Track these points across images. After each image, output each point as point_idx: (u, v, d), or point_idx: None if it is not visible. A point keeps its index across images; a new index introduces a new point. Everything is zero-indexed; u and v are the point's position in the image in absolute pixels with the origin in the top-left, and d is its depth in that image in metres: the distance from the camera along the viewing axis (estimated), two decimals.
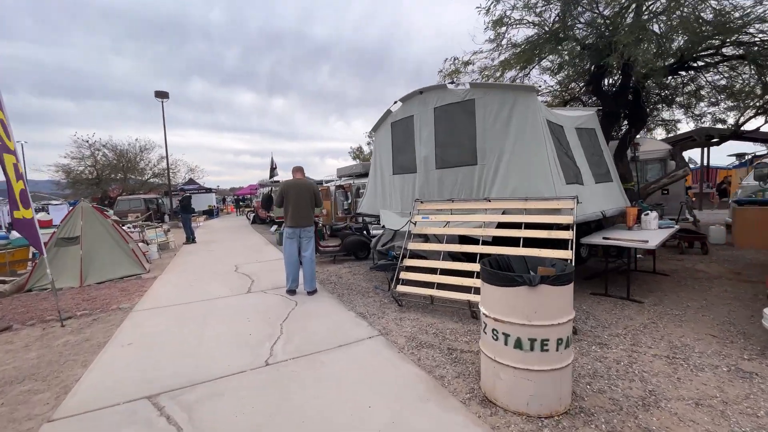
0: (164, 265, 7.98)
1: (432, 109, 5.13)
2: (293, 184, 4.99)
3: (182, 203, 11.64)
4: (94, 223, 7.15)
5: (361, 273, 6.36)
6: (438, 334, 3.56)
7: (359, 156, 50.12)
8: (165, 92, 17.99)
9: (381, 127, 6.28)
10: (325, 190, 11.42)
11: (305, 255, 5.07)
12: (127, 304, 5.07)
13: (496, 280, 2.31)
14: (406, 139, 5.61)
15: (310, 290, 5.06)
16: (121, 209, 20.67)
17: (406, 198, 5.69)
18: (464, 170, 4.85)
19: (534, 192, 4.15)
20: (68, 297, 5.67)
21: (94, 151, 26.50)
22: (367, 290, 5.25)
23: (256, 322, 4.08)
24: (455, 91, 4.88)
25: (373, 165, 6.59)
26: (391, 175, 6.04)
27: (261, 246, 10.24)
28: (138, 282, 6.49)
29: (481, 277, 2.51)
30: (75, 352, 3.58)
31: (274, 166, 17.52)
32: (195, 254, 9.29)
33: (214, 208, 25.60)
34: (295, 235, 5.01)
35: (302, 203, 4.97)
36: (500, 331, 2.30)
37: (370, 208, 6.64)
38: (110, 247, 7.15)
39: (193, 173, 31.83)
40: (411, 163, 5.56)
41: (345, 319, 4.06)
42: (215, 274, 6.72)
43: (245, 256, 8.65)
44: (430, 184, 5.26)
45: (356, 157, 50.40)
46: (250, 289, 5.54)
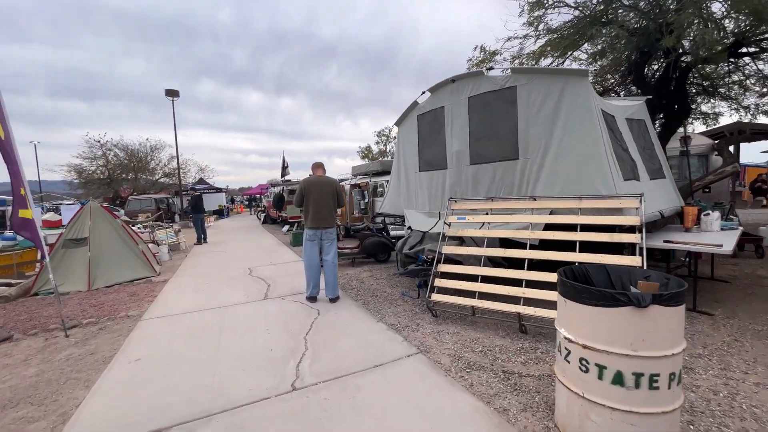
0: (175, 267, 7.64)
1: (466, 99, 4.66)
2: (314, 182, 4.57)
3: (193, 203, 11.26)
4: (103, 224, 6.84)
5: (384, 277, 5.92)
6: (486, 353, 3.09)
7: (368, 155, 49.81)
8: (175, 90, 17.80)
9: (405, 120, 5.83)
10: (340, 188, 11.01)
11: (327, 259, 4.65)
12: (135, 311, 4.70)
13: (588, 297, 1.84)
14: (436, 132, 5.16)
15: (333, 297, 4.64)
16: (132, 209, 20.57)
17: (435, 197, 5.24)
18: (503, 166, 4.38)
19: (589, 190, 3.66)
20: (75, 302, 5.34)
21: (106, 151, 26.58)
22: (394, 297, 4.81)
23: (277, 335, 3.66)
24: (493, 78, 4.41)
25: (396, 162, 6.14)
26: (417, 173, 5.59)
27: (274, 247, 9.87)
28: (148, 286, 6.15)
29: (560, 291, 2.04)
30: (77, 368, 3.21)
31: (286, 165, 17.19)
32: (206, 256, 8.96)
33: (224, 208, 25.41)
34: (316, 237, 4.59)
35: (324, 203, 4.55)
36: (592, 361, 1.84)
37: (393, 207, 6.19)
38: (119, 248, 6.83)
39: (203, 173, 31.80)
40: (441, 159, 5.10)
41: (376, 332, 3.62)
42: (229, 278, 6.34)
43: (259, 258, 8.28)
44: (463, 182, 4.80)
45: (365, 156, 50.04)
46: (266, 295, 5.14)
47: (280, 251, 9.12)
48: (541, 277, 3.44)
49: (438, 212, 5.17)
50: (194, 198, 11.20)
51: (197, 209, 11.11)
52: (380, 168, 9.38)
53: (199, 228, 11.20)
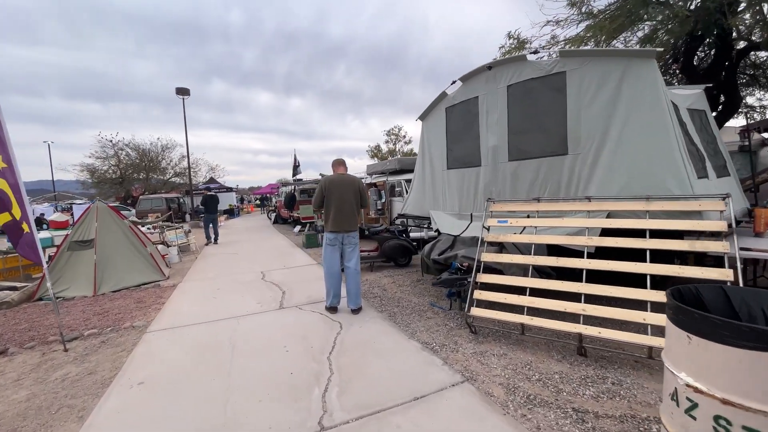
0: (185, 271, 7.30)
1: (504, 88, 4.17)
2: (335, 181, 4.13)
3: (203, 202, 10.95)
4: (110, 225, 6.52)
5: (408, 284, 5.46)
6: (546, 382, 2.61)
7: (377, 154, 49.42)
8: (186, 89, 17.58)
9: (432, 113, 5.36)
10: None
11: (349, 266, 4.21)
12: (141, 321, 4.33)
13: (734, 335, 1.35)
14: (467, 126, 4.67)
15: (355, 308, 4.20)
16: (143, 208, 20.48)
17: (466, 197, 4.75)
18: (548, 162, 3.88)
19: (658, 189, 3.14)
20: (78, 309, 5.00)
21: (118, 150, 26.64)
22: (422, 308, 4.35)
23: (297, 354, 3.23)
24: (537, 64, 3.91)
25: (421, 159, 5.67)
26: (445, 170, 5.11)
27: (287, 249, 9.49)
28: (156, 291, 5.79)
29: (677, 322, 1.56)
30: (73, 392, 2.82)
31: (297, 164, 16.84)
32: (217, 258, 8.61)
33: (235, 207, 25.23)
34: (337, 242, 4.16)
35: (346, 203, 4.11)
36: (738, 423, 1.35)
37: (417, 208, 5.73)
38: (127, 251, 6.50)
39: (214, 172, 31.75)
40: (473, 155, 4.61)
41: (410, 353, 3.16)
42: (240, 283, 5.95)
43: (271, 260, 7.89)
44: (499, 180, 4.31)
45: (374, 155, 49.68)
46: (282, 304, 4.72)
47: (293, 253, 8.72)
48: (603, 291, 2.95)
49: (469, 214, 4.69)
50: (205, 197, 10.85)
51: (210, 209, 10.81)
52: (398, 166, 8.91)
53: (209, 228, 10.93)
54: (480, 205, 4.58)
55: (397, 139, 49.32)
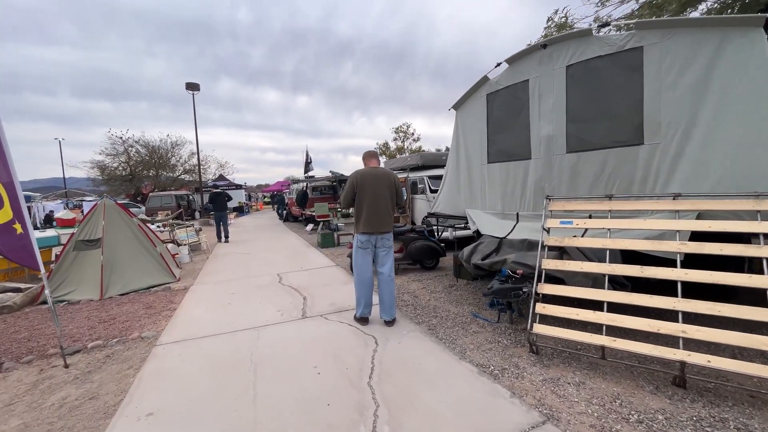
0: (196, 272, 6.88)
1: (563, 69, 3.63)
2: (368, 176, 3.63)
3: (210, 199, 10.66)
4: (118, 224, 6.12)
5: (440, 290, 4.96)
6: (649, 425, 2.09)
7: (385, 152, 48.92)
8: (196, 84, 17.24)
9: (468, 102, 4.83)
10: None
11: (382, 272, 3.72)
12: (151, 331, 3.89)
13: None
14: (514, 113, 4.14)
15: (389, 319, 3.71)
16: (152, 206, 20.25)
17: (512, 194, 4.23)
18: (618, 154, 3.34)
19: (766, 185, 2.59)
20: (83, 315, 4.59)
21: (128, 147, 26.53)
22: (464, 320, 3.84)
23: (330, 376, 2.76)
24: (606, 39, 3.36)
25: (454, 152, 5.15)
26: (485, 164, 4.58)
27: (301, 248, 9.04)
28: (166, 295, 5.37)
29: None
30: (71, 424, 2.38)
31: (309, 161, 16.39)
32: (230, 258, 8.19)
33: (244, 205, 24.94)
34: (369, 245, 3.67)
35: (381, 201, 3.61)
36: None
37: (451, 206, 5.21)
38: (136, 251, 6.09)
39: (223, 169, 31.54)
40: (521, 147, 4.08)
41: (467, 380, 2.66)
42: (257, 287, 5.51)
43: (287, 261, 7.45)
44: (555, 175, 3.77)
45: (382, 153, 49.18)
46: (304, 312, 4.25)
47: (309, 254, 8.26)
48: (708, 309, 2.41)
49: (515, 213, 4.17)
50: (211, 195, 10.58)
51: (219, 206, 10.50)
52: (420, 162, 8.39)
53: (219, 226, 10.63)
54: (528, 204, 4.05)
55: (406, 137, 48.89)
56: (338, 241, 9.24)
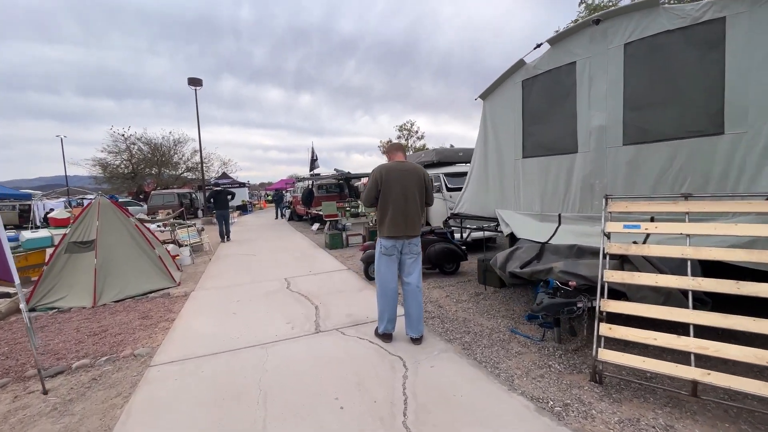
0: (198, 275, 6.44)
1: (620, 47, 3.13)
2: (395, 171, 3.15)
3: (217, 197, 10.31)
4: (114, 224, 5.67)
5: (466, 299, 4.47)
6: None
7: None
8: (198, 79, 16.78)
9: (499, 89, 4.33)
10: None
11: (409, 281, 3.24)
12: (145, 348, 3.44)
13: None
14: (557, 101, 3.64)
15: (417, 336, 3.23)
16: (154, 204, 19.86)
17: (553, 193, 3.74)
18: (690, 145, 2.84)
19: None
20: (72, 326, 4.15)
21: (130, 145, 26.18)
22: (500, 335, 3.36)
23: (356, 413, 2.28)
24: (677, 10, 2.86)
25: (482, 147, 4.66)
26: (520, 160, 4.09)
27: (309, 250, 8.58)
28: (165, 302, 4.93)
29: None
30: None
31: (315, 158, 15.90)
32: (233, 260, 7.74)
33: (248, 203, 24.53)
34: (395, 251, 3.19)
35: (409, 200, 3.13)
36: None
37: (477, 206, 4.73)
38: (133, 254, 5.65)
39: (226, 167, 31.17)
40: (565, 139, 3.59)
41: (522, 417, 2.18)
42: (263, 294, 5.05)
43: (294, 264, 6.98)
44: (608, 171, 3.28)
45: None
46: (318, 325, 3.79)
47: (317, 256, 7.80)
48: None
49: (557, 215, 3.68)
50: (213, 192, 10.28)
51: (220, 205, 10.21)
52: (435, 158, 7.89)
53: (222, 225, 10.34)
54: (572, 204, 3.56)
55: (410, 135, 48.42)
56: (347, 241, 8.77)
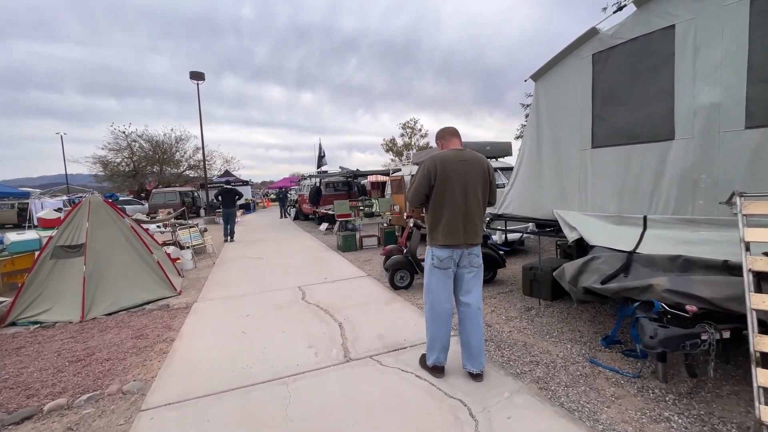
0: (201, 282, 5.79)
1: (744, 3, 2.43)
2: (452, 161, 2.47)
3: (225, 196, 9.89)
4: (106, 226, 5.02)
5: (516, 315, 3.80)
6: None
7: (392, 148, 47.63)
8: (200, 73, 16.13)
9: (558, 68, 3.64)
10: (398, 179, 8.89)
11: (468, 302, 2.57)
12: (137, 380, 2.78)
13: None
14: (646, 75, 2.95)
15: (478, 372, 2.56)
16: (155, 202, 19.23)
17: (635, 189, 3.05)
18: None
19: None
20: (53, 348, 3.50)
21: (131, 142, 25.58)
22: (578, 366, 2.69)
23: None
24: None
25: (533, 136, 3.97)
26: (589, 150, 3.40)
27: (320, 252, 7.91)
28: (164, 316, 4.28)
29: None
30: None
31: (322, 155, 15.20)
32: (239, 264, 7.08)
33: (251, 202, 23.89)
34: (451, 263, 2.51)
35: (471, 199, 2.46)
36: None
37: (528, 206, 4.04)
38: (128, 259, 4.99)
39: (229, 164, 30.57)
40: (656, 122, 2.90)
41: None
42: (275, 306, 4.39)
43: (307, 269, 6.32)
44: (718, 162, 2.58)
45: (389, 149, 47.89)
46: (347, 350, 3.12)
47: (331, 259, 7.13)
48: None
49: (641, 217, 2.99)
50: (222, 190, 9.99)
51: (227, 203, 9.81)
52: None
53: (227, 224, 9.90)
54: (665, 203, 2.87)
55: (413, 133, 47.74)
56: (361, 243, 8.11)
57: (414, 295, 4.61)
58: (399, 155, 47.40)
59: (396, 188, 9.03)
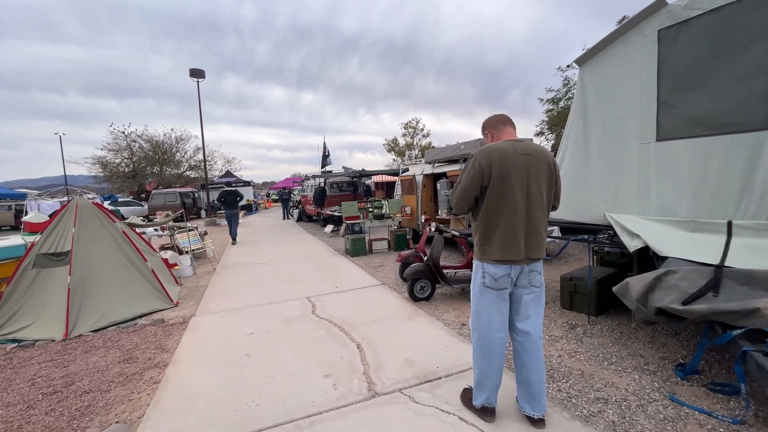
0: (200, 291, 5.31)
1: None
2: (511, 155, 1.96)
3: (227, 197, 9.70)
4: (95, 231, 4.54)
5: (559, 333, 3.30)
6: None
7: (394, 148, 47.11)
8: (201, 70, 15.66)
9: (610, 49, 3.15)
10: (408, 179, 8.37)
11: (527, 330, 2.07)
12: (120, 421, 2.30)
13: None
14: (727, 54, 2.46)
15: (540, 416, 2.06)
16: (155, 204, 18.76)
17: (717, 190, 2.55)
18: None
19: None
20: (28, 375, 3.02)
21: (130, 142, 25.15)
22: (654, 404, 2.19)
23: None
24: None
25: (578, 128, 3.48)
26: (651, 143, 2.91)
27: (328, 257, 7.42)
28: (157, 334, 3.79)
29: None
30: None
31: (327, 154, 14.68)
32: (242, 270, 6.60)
33: (253, 203, 23.41)
34: (507, 283, 2.01)
35: (535, 203, 1.97)
36: None
37: (571, 209, 3.54)
38: (119, 268, 4.51)
39: (230, 165, 30.13)
40: (745, 109, 2.40)
41: None
42: (283, 322, 3.90)
43: (315, 276, 5.84)
44: None
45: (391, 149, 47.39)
46: (371, 382, 2.63)
47: (340, 265, 6.64)
48: None
49: (725, 223, 2.49)
50: (224, 191, 9.86)
51: (231, 205, 9.67)
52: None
53: (231, 225, 9.79)
54: (758, 207, 2.38)
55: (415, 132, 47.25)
56: (371, 247, 7.62)
57: (437, 307, 4.12)
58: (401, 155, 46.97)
59: (407, 189, 8.53)
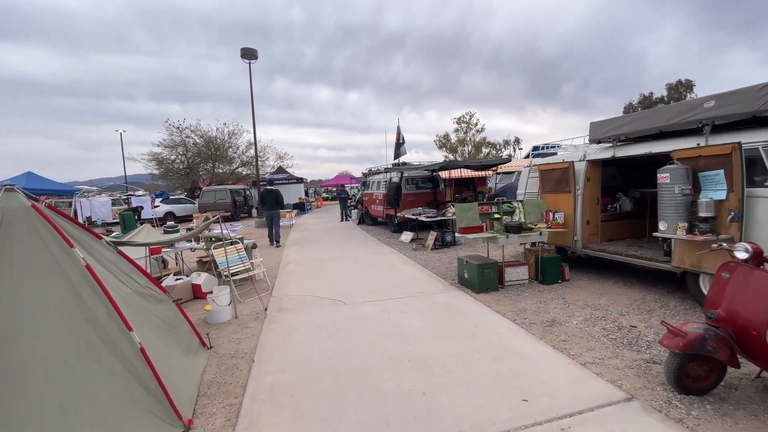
0: (239, 367, 2.80)
1: None
2: None
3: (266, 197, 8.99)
4: (33, 264, 2.17)
5: None
6: None
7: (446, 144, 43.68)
8: (253, 50, 13.79)
9: None
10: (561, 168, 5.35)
11: None
12: None
13: None
14: None
15: None
16: (205, 201, 17.34)
17: None
18: None
19: None
20: None
21: (185, 138, 24.51)
22: None
23: None
24: None
25: None
26: None
27: (436, 292, 4.69)
28: None
29: None
30: None
31: (402, 142, 11.97)
32: (310, 321, 4.09)
33: (305, 201, 21.51)
34: None
35: None
36: None
37: None
38: (72, 349, 2.10)
39: (283, 161, 28.76)
40: None
41: None
42: None
43: (441, 345, 3.13)
44: None
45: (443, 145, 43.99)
46: None
47: (469, 312, 3.86)
48: None
49: None
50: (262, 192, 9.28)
51: (271, 206, 8.86)
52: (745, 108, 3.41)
53: (271, 228, 9.02)
54: None
55: (468, 128, 43.71)
56: (503, 279, 4.77)
57: None
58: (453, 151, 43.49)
59: (553, 185, 5.51)
